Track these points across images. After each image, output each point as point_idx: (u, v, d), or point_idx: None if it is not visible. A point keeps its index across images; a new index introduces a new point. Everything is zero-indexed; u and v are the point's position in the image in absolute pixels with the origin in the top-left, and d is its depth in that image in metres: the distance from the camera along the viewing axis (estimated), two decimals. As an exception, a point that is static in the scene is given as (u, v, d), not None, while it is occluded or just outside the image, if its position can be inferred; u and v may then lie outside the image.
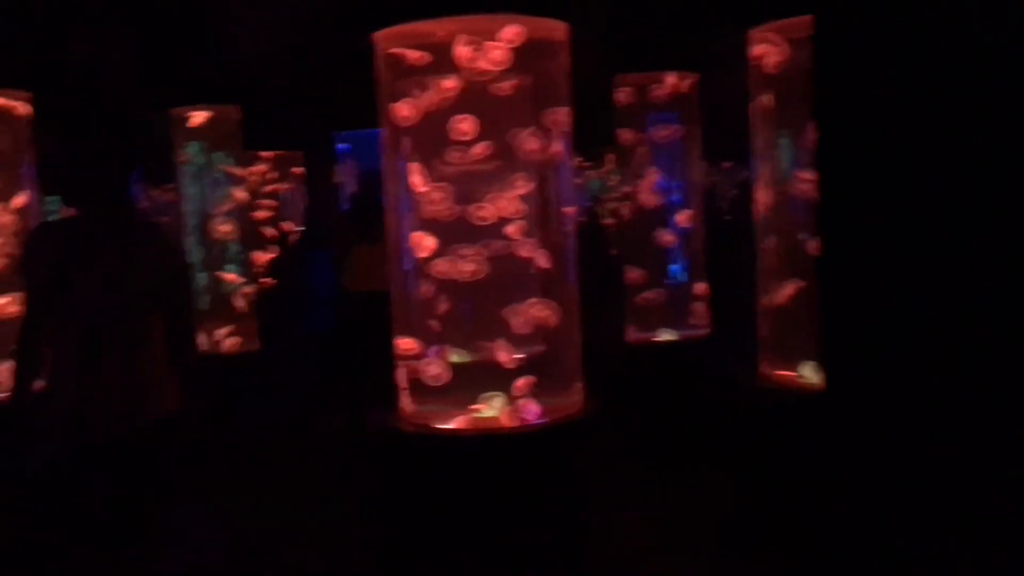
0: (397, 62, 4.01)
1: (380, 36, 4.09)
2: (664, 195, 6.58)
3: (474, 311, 4.01)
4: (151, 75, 7.29)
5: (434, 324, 4.01)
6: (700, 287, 6.69)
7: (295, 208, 11.44)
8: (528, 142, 3.97)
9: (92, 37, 7.03)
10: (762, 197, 4.84)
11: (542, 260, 4.03)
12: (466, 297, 3.99)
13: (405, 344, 4.09)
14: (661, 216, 6.61)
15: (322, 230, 9.27)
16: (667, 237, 6.59)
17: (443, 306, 3.99)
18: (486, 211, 3.96)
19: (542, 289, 4.03)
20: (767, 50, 4.64)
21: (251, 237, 9.74)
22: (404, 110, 3.99)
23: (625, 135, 6.63)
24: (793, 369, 4.69)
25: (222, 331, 6.95)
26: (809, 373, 4.58)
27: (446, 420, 3.98)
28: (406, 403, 4.11)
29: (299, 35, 7.65)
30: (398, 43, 4.01)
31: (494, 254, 3.93)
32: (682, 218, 6.63)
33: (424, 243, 3.99)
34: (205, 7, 7.52)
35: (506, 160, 3.96)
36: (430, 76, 3.93)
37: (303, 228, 11.23)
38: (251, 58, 7.18)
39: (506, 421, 3.94)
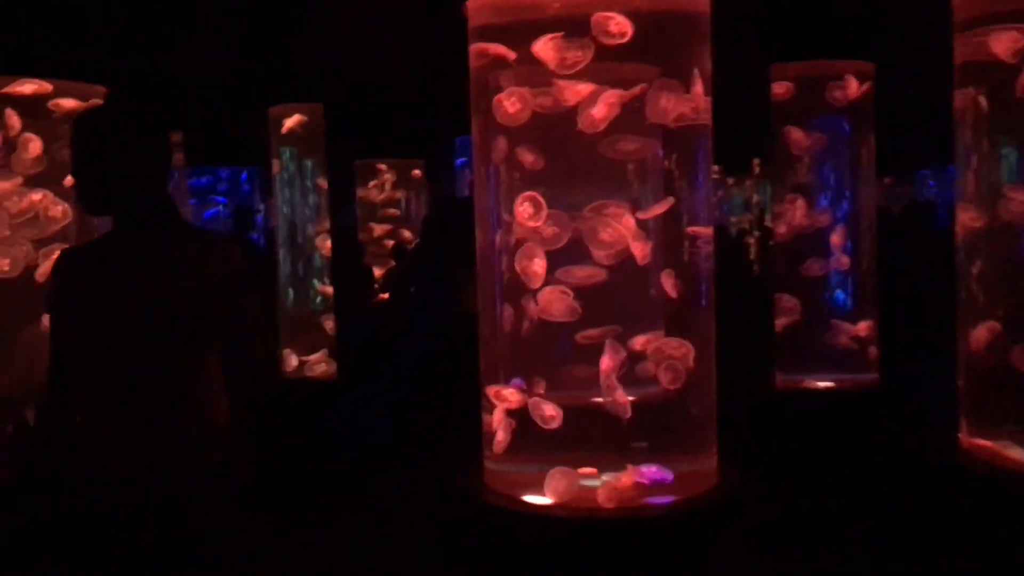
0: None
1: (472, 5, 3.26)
2: (829, 215, 5.48)
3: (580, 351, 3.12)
4: (248, 74, 6.73)
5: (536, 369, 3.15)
6: (865, 324, 5.54)
7: (413, 218, 10.81)
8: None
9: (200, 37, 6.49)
10: (965, 217, 3.75)
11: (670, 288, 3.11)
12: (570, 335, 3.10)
13: (500, 392, 3.22)
14: (822, 239, 5.49)
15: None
16: (842, 259, 5.47)
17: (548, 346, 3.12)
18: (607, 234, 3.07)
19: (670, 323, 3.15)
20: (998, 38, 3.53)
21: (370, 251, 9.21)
22: (511, 105, 3.11)
23: (785, 140, 5.51)
24: (998, 438, 3.57)
25: (312, 356, 6.29)
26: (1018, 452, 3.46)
27: (542, 488, 3.09)
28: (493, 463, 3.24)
29: (413, 37, 6.94)
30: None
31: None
32: (837, 239, 5.50)
33: (533, 269, 3.12)
34: (318, 5, 6.91)
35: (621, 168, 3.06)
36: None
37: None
38: (365, 60, 6.51)
39: (615, 496, 3.02)
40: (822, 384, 5.56)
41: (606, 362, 3.07)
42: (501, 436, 3.21)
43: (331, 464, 5.30)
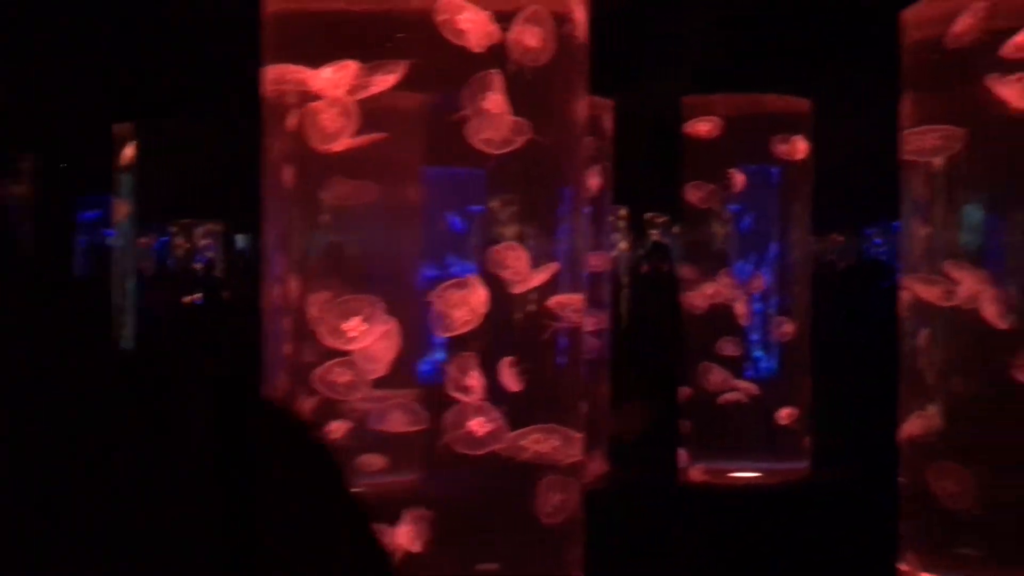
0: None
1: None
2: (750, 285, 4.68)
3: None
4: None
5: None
6: (788, 411, 4.75)
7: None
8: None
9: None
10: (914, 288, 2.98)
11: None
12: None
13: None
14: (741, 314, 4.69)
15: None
16: (787, 327, 4.65)
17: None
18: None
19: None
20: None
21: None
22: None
23: (696, 192, 4.71)
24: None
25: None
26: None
27: None
28: None
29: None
30: None
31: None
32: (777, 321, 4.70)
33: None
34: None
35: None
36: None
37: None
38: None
39: None
40: (743, 474, 4.75)
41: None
42: None
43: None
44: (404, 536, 2.33)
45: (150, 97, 5.84)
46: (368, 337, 2.25)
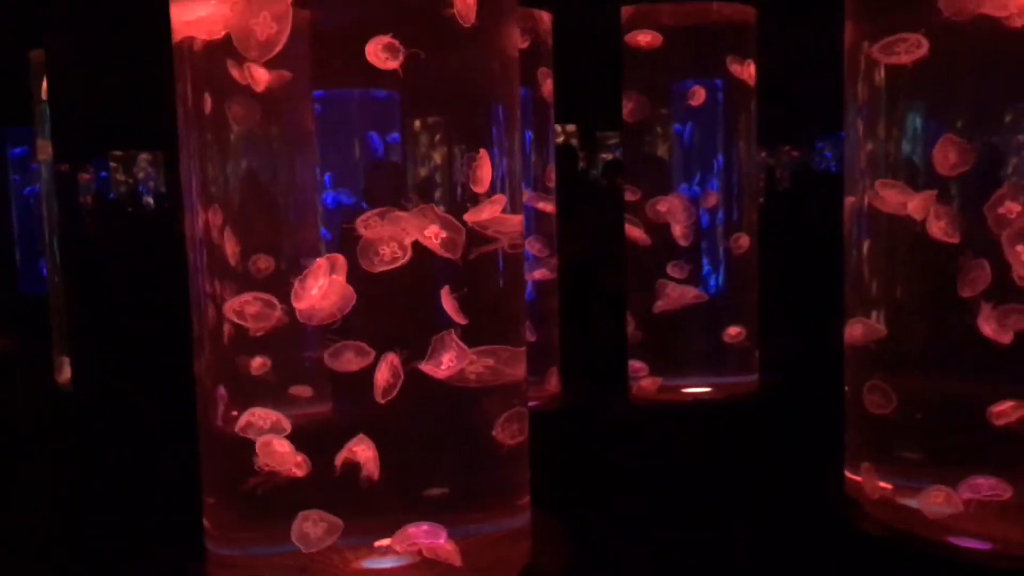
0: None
1: None
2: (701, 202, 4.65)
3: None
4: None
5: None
6: (737, 328, 4.78)
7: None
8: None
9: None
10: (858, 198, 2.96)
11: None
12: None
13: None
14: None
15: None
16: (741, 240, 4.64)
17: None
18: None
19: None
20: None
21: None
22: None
23: (635, 105, 4.62)
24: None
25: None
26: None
27: None
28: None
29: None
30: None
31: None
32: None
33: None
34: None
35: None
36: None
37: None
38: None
39: None
40: (694, 390, 4.79)
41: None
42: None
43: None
44: (350, 464, 2.30)
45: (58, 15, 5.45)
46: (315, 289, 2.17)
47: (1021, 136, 2.77)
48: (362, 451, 2.30)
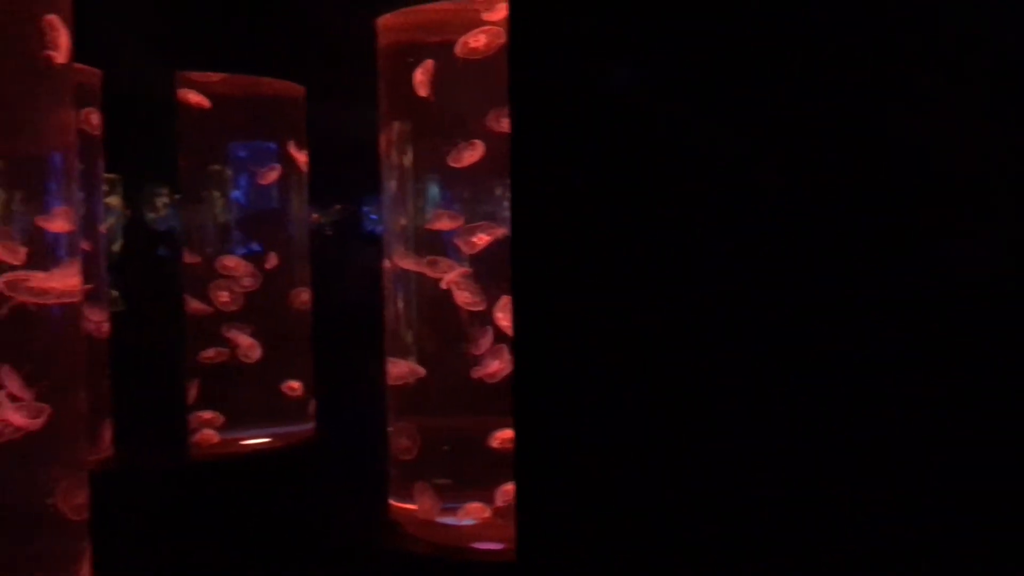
0: None
1: None
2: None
3: None
4: None
5: None
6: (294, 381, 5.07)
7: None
8: None
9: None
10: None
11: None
12: None
13: None
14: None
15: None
16: (303, 296, 4.87)
17: None
18: None
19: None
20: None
21: None
22: None
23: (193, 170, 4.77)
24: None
25: None
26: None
27: None
28: None
29: None
30: None
31: None
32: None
33: None
34: None
35: None
36: None
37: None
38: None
39: None
40: (252, 441, 4.95)
41: None
42: None
43: None
44: None
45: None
46: None
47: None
48: None
